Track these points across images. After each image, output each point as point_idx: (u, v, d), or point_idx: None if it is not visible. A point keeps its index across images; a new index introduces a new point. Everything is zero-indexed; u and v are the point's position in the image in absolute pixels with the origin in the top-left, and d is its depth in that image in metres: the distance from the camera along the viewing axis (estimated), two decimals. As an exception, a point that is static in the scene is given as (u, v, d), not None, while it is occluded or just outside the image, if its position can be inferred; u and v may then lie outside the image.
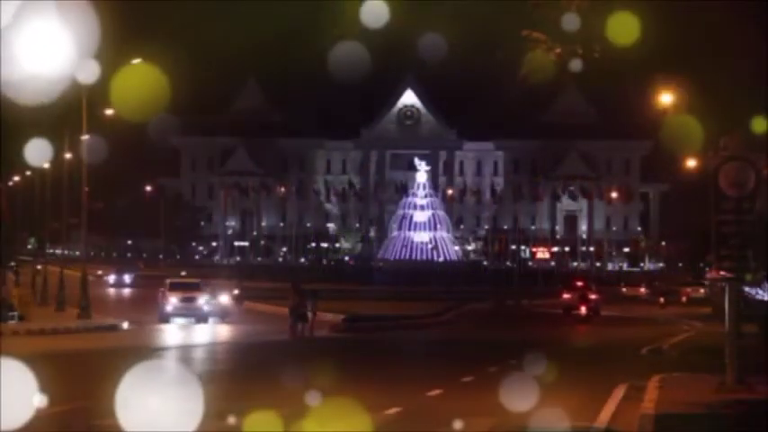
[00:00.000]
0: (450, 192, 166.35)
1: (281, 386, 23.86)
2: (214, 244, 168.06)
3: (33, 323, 46.23)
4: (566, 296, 70.07)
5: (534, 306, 79.43)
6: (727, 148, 21.84)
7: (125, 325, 47.95)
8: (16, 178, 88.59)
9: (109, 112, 71.62)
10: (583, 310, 64.90)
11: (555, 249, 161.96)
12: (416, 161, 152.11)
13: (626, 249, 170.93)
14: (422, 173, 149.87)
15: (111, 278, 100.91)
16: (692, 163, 61.52)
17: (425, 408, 19.29)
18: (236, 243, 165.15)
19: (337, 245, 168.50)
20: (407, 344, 44.09)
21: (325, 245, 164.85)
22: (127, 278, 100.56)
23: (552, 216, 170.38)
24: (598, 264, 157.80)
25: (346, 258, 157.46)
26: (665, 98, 43.37)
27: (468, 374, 26.37)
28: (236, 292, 65.40)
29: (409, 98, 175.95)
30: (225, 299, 58.02)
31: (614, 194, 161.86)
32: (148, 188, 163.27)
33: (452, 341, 45.66)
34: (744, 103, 21.49)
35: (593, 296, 68.01)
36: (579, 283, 73.77)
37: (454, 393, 22.32)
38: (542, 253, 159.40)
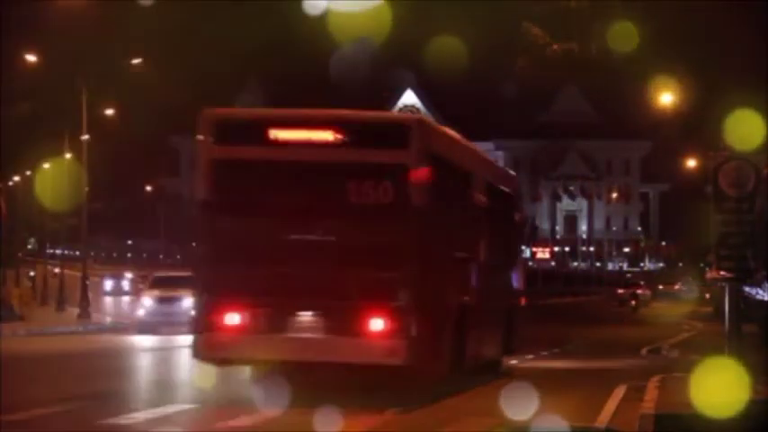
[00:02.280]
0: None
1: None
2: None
3: (33, 323, 46.26)
4: (620, 291, 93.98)
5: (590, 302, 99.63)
6: (726, 148, 21.84)
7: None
8: (16, 178, 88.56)
9: (109, 112, 71.65)
10: (633, 303, 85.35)
11: (555, 249, 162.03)
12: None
13: (626, 249, 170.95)
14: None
15: (107, 285, 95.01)
16: (692, 163, 61.57)
17: (426, 408, 19.30)
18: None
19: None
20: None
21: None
22: (126, 284, 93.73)
23: (552, 216, 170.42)
24: (598, 264, 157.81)
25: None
26: (665, 98, 43.46)
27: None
28: None
29: (409, 98, 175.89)
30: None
31: (614, 194, 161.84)
32: (148, 188, 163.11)
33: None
34: (744, 103, 21.51)
35: (640, 291, 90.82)
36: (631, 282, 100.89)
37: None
38: (542, 253, 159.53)
